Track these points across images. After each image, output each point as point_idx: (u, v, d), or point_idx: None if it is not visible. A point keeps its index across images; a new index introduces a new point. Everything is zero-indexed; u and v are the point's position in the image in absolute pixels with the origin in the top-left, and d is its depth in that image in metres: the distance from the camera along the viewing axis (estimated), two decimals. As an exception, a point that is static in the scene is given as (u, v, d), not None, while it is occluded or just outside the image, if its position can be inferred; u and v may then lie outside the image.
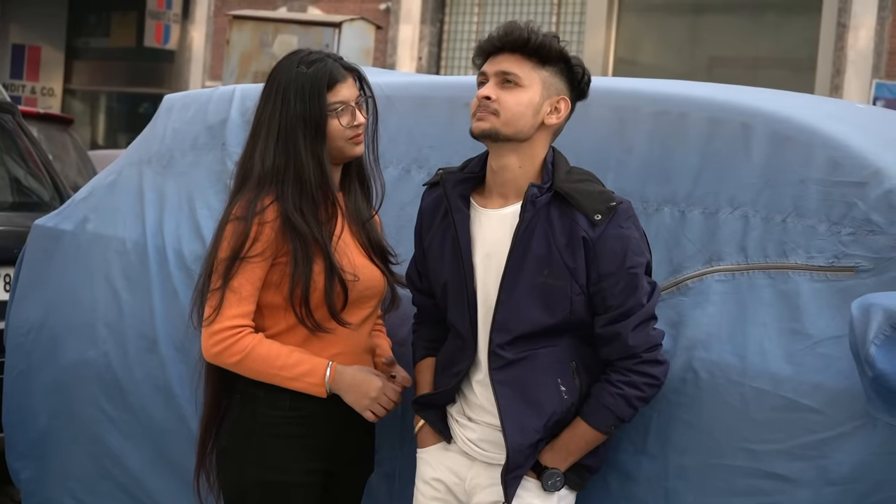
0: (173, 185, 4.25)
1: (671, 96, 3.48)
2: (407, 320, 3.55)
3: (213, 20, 20.07)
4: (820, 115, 3.34)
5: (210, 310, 3.19)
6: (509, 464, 3.04)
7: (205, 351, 3.21)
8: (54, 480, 4.38)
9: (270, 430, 3.23)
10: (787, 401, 2.96)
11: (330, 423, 3.27)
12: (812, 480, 2.89)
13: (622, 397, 3.02)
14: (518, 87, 3.05)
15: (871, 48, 14.00)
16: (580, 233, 3.01)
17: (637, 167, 3.37)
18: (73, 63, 23.30)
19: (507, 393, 3.06)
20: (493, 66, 3.09)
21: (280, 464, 3.23)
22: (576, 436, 3.07)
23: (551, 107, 3.09)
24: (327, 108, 3.23)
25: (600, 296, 3.03)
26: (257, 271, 3.19)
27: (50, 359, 4.39)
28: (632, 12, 16.20)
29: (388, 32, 17.54)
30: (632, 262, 3.02)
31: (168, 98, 4.58)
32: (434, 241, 3.23)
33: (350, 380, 3.21)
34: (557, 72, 3.09)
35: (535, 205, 3.04)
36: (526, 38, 3.05)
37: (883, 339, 2.69)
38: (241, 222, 3.18)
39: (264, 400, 3.23)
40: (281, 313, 3.24)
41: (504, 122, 3.05)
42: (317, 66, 3.26)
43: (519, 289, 3.05)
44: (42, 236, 4.58)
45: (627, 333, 3.01)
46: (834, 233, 3.06)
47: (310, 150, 3.22)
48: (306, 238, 3.18)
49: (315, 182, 3.22)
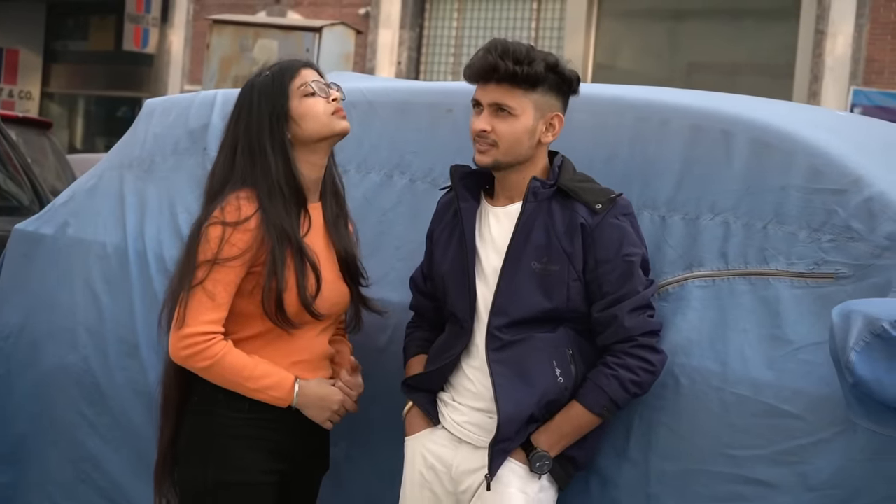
0: (154, 190, 4.25)
1: (653, 103, 3.49)
2: (388, 327, 3.56)
3: (192, 24, 20.02)
4: (800, 123, 3.35)
5: (183, 312, 3.20)
6: (498, 434, 3.07)
7: (173, 353, 3.23)
8: (33, 485, 4.37)
9: (229, 431, 3.26)
10: (767, 407, 2.97)
11: (288, 427, 3.30)
12: (792, 486, 2.91)
13: (616, 378, 3.06)
14: (512, 115, 3.13)
15: (848, 55, 14.06)
16: (578, 220, 3.11)
17: (619, 173, 3.38)
18: (52, 66, 23.21)
19: (503, 370, 3.11)
20: (486, 97, 3.17)
21: (239, 465, 3.26)
22: (569, 417, 3.10)
23: (546, 125, 3.18)
24: (292, 93, 3.28)
25: (597, 283, 3.11)
26: (234, 277, 3.20)
27: (30, 363, 4.38)
28: (611, 18, 16.22)
29: (368, 37, 17.53)
30: (628, 250, 3.10)
31: (149, 102, 4.58)
32: (443, 234, 3.32)
33: (313, 395, 3.28)
34: (548, 88, 3.16)
35: (537, 196, 3.14)
36: (512, 72, 3.10)
37: (863, 346, 2.70)
38: (223, 227, 3.18)
39: (224, 402, 3.26)
40: (250, 320, 3.27)
41: (503, 151, 3.16)
42: (276, 66, 3.35)
43: (519, 274, 3.12)
44: (22, 240, 4.56)
45: (623, 315, 3.07)
46: (814, 239, 3.08)
47: (277, 146, 3.25)
48: (282, 237, 3.19)
49: (283, 178, 3.24)
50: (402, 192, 3.77)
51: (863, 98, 13.61)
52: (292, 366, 3.29)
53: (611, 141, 3.44)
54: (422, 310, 3.44)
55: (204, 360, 3.19)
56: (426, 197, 3.69)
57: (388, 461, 3.45)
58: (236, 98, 3.38)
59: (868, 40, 14.05)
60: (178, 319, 3.21)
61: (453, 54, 17.46)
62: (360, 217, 3.69)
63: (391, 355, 3.50)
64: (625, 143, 3.42)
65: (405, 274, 3.54)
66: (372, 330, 3.58)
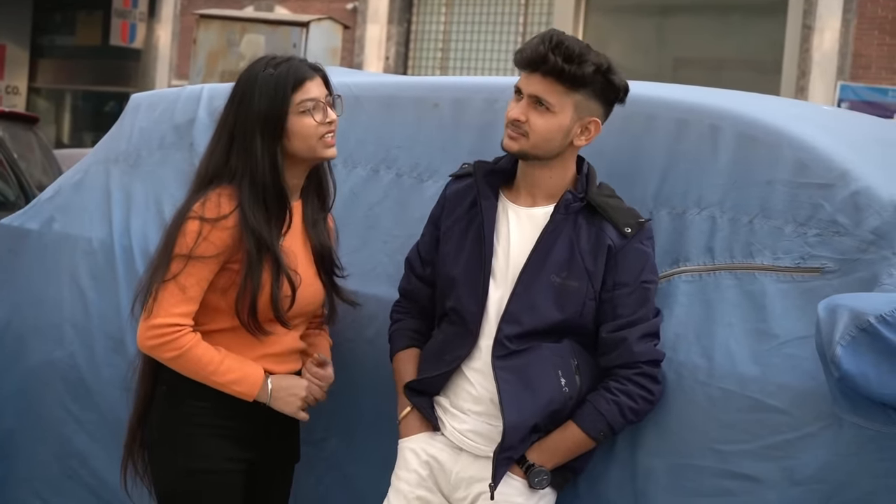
0: (140, 185, 4.24)
1: (639, 98, 3.48)
2: (374, 319, 3.55)
3: (180, 19, 20.00)
4: (787, 117, 3.35)
5: (153, 302, 3.21)
6: (504, 442, 3.05)
7: (141, 342, 3.25)
8: (20, 481, 4.36)
9: (195, 419, 3.29)
10: (753, 401, 2.97)
11: (254, 415, 3.30)
12: (778, 481, 2.91)
13: (616, 404, 3.05)
14: (549, 111, 3.09)
15: (835, 50, 14.08)
16: (606, 241, 3.09)
17: (605, 168, 3.37)
18: (39, 61, 23.17)
19: (508, 378, 3.08)
20: (528, 86, 3.11)
21: (204, 452, 3.28)
22: (565, 438, 3.09)
23: (581, 128, 3.14)
24: (292, 106, 3.24)
25: (611, 303, 3.09)
26: (207, 273, 3.21)
27: (15, 359, 4.36)
28: (598, 13, 16.23)
29: (356, 32, 17.52)
30: (647, 277, 3.10)
31: (135, 97, 4.56)
32: (456, 227, 3.26)
33: (277, 387, 3.28)
34: (592, 92, 3.11)
35: (568, 210, 3.12)
36: (560, 68, 3.04)
37: (849, 340, 2.70)
38: (202, 223, 3.19)
39: (189, 391, 3.27)
40: (221, 315, 3.27)
41: (533, 144, 3.11)
42: (283, 66, 3.28)
43: (536, 285, 3.10)
44: (7, 236, 4.55)
45: (633, 340, 3.05)
46: (800, 234, 3.08)
47: (265, 151, 3.23)
48: (260, 242, 3.19)
49: (268, 184, 3.23)
50: (389, 186, 3.77)
51: (850, 93, 13.64)
52: (260, 359, 3.30)
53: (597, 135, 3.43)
54: (415, 295, 3.38)
55: (170, 351, 3.21)
56: (413, 191, 3.69)
57: (378, 453, 3.45)
58: (238, 80, 3.34)
59: (855, 35, 14.07)
60: (147, 309, 3.23)
61: (441, 49, 17.46)
62: (346, 212, 3.68)
63: (379, 348, 3.49)
64: (612, 138, 3.41)
65: (392, 269, 3.54)
66: (360, 322, 3.58)
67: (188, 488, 3.30)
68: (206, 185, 3.27)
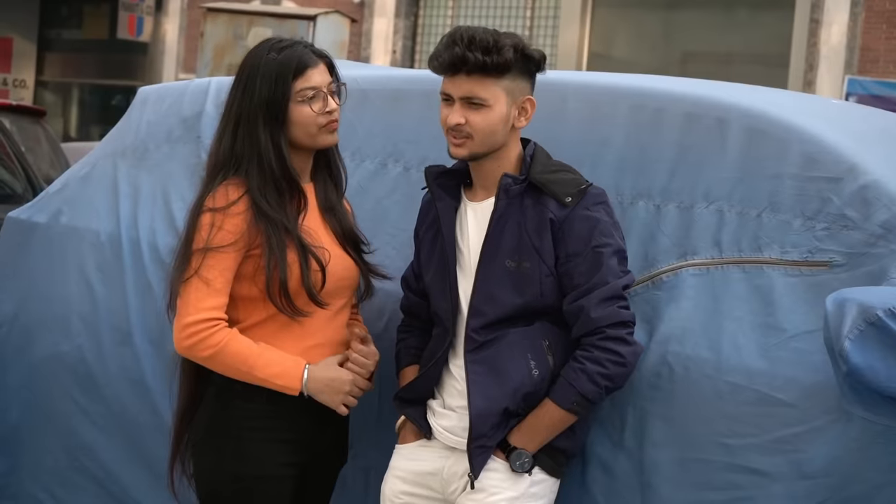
0: (148, 178, 4.24)
1: (647, 91, 3.49)
2: (384, 313, 3.56)
3: (187, 12, 20.00)
4: (795, 111, 3.35)
5: (183, 302, 3.17)
6: (472, 431, 3.06)
7: (176, 343, 3.19)
8: (27, 474, 4.36)
9: (246, 423, 3.22)
10: (761, 395, 2.97)
11: (307, 416, 3.25)
12: (786, 474, 2.91)
13: (583, 372, 3.03)
14: (485, 106, 3.08)
15: (843, 44, 14.06)
16: (548, 215, 3.08)
17: (613, 161, 3.38)
18: (46, 54, 23.18)
19: (477, 370, 3.10)
20: (456, 89, 3.10)
21: (255, 457, 3.21)
22: (542, 415, 3.09)
23: (518, 110, 3.13)
24: (293, 94, 3.22)
25: (568, 276, 3.09)
26: (230, 263, 3.17)
27: (23, 352, 4.37)
28: (606, 7, 16.21)
29: (363, 25, 17.52)
30: (598, 241, 3.07)
31: (143, 90, 4.56)
32: (426, 235, 3.30)
33: (322, 378, 3.21)
34: (517, 73, 3.10)
35: (509, 194, 3.10)
36: (482, 62, 3.03)
37: (857, 334, 2.71)
38: (214, 213, 3.17)
39: (241, 393, 3.21)
40: (256, 305, 3.23)
41: (479, 143, 3.11)
42: (286, 52, 3.25)
43: (493, 275, 3.10)
44: (15, 229, 4.55)
45: (591, 307, 3.04)
46: (808, 228, 3.08)
47: (269, 137, 3.21)
48: (276, 224, 3.17)
49: (276, 169, 3.21)
50: (397, 180, 3.77)
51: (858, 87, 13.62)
52: (306, 351, 3.24)
53: (605, 129, 3.43)
54: (415, 310, 3.39)
55: (207, 349, 3.15)
56: (420, 185, 3.68)
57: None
58: (242, 62, 3.31)
59: (863, 29, 14.05)
60: (179, 310, 3.18)
61: (448, 43, 17.42)
62: (354, 205, 3.68)
63: (388, 341, 3.49)
64: (619, 132, 3.41)
65: (400, 262, 3.54)
66: (369, 316, 3.57)
67: (236, 493, 3.23)
68: (216, 175, 3.25)
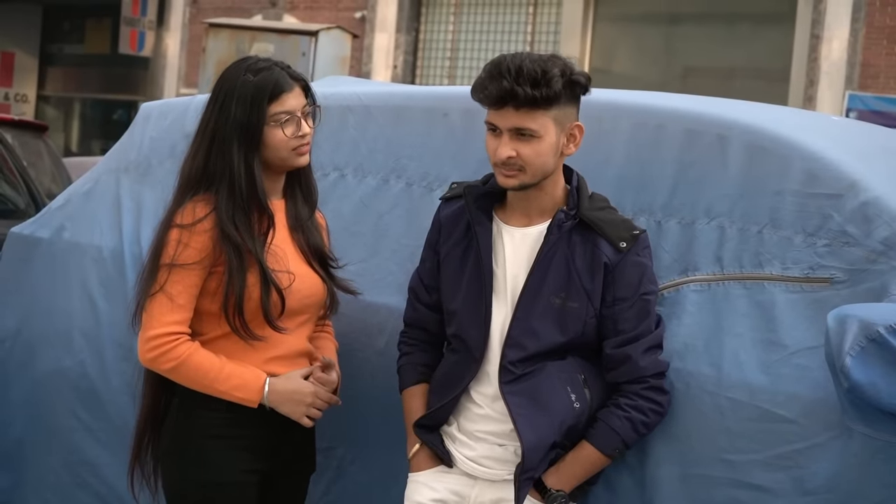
0: (151, 194, 4.25)
1: (648, 108, 3.49)
2: (385, 329, 3.56)
3: (189, 27, 20.02)
4: (796, 127, 3.35)
5: (147, 315, 3.22)
6: (524, 463, 3.03)
7: (140, 356, 3.24)
8: (30, 490, 4.37)
9: (209, 431, 3.26)
10: (762, 411, 2.97)
11: (268, 424, 3.28)
12: (788, 491, 2.91)
13: (629, 420, 3.05)
14: (535, 137, 3.02)
15: (844, 59, 14.07)
16: (602, 258, 3.06)
17: (614, 177, 3.38)
18: (48, 69, 23.22)
19: (519, 402, 3.07)
20: (504, 122, 3.02)
21: (218, 464, 3.25)
22: (581, 458, 3.09)
23: (567, 137, 3.09)
24: (267, 118, 3.23)
25: (612, 319, 3.08)
26: (194, 279, 3.21)
27: (26, 367, 4.38)
28: (607, 21, 16.23)
29: (364, 41, 17.54)
30: (646, 288, 3.09)
31: (146, 106, 4.58)
32: (454, 252, 3.23)
33: (283, 391, 3.24)
34: (565, 101, 3.03)
35: (561, 229, 3.08)
36: (531, 97, 2.95)
37: (858, 351, 2.71)
38: (182, 230, 3.19)
39: (202, 402, 3.25)
40: (217, 320, 3.26)
41: (532, 174, 3.06)
42: (262, 75, 3.25)
43: (536, 308, 3.08)
44: (18, 244, 4.56)
45: (638, 356, 3.05)
46: (809, 244, 3.08)
47: (242, 159, 3.23)
48: (240, 248, 3.19)
49: (246, 191, 3.22)
50: (399, 196, 3.78)
51: (858, 103, 13.63)
52: (266, 363, 3.28)
53: (606, 145, 3.44)
54: (422, 322, 3.35)
55: (169, 362, 3.19)
56: (422, 201, 3.70)
57: (387, 462, 3.45)
58: (218, 80, 3.32)
59: (864, 45, 14.06)
60: (140, 323, 3.24)
61: (449, 58, 17.46)
62: (356, 221, 3.70)
63: (389, 357, 3.49)
64: (620, 148, 3.42)
65: (402, 278, 3.54)
66: (370, 332, 3.58)
67: (200, 500, 3.28)
68: (187, 191, 3.27)
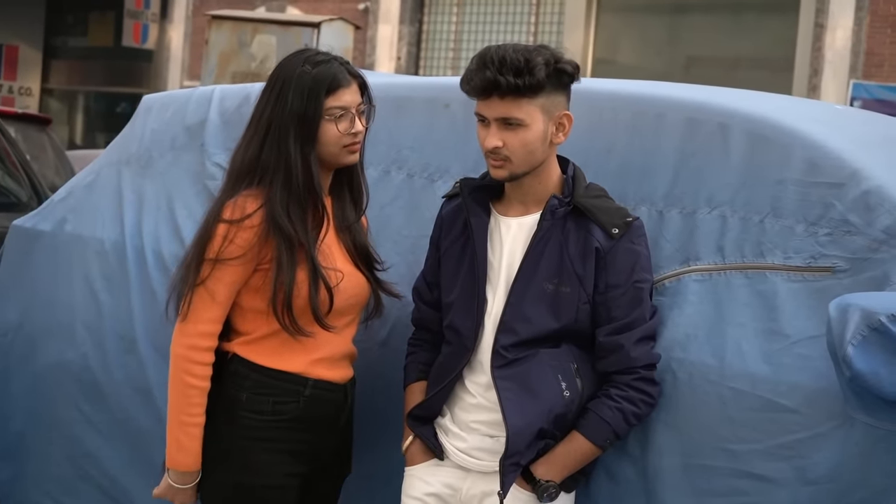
0: (152, 186, 4.24)
1: (649, 97, 3.49)
2: (388, 321, 3.55)
3: (192, 20, 20.03)
4: (798, 116, 3.35)
5: (186, 308, 3.20)
6: (508, 448, 3.03)
7: (174, 345, 3.21)
8: (32, 482, 4.37)
9: (251, 433, 3.22)
10: (764, 401, 2.97)
11: (311, 428, 3.26)
12: (790, 480, 2.90)
13: (620, 411, 3.04)
14: (521, 126, 3.03)
15: (848, 48, 14.06)
16: (594, 244, 3.06)
17: (615, 167, 3.38)
18: (51, 62, 23.22)
19: (509, 386, 3.07)
20: (490, 111, 3.04)
21: (260, 468, 3.22)
22: (572, 450, 3.08)
23: (556, 126, 3.09)
24: (324, 112, 3.20)
25: (605, 306, 3.07)
26: (236, 276, 3.18)
27: (27, 360, 4.38)
28: (610, 12, 16.22)
29: (367, 32, 17.53)
30: (639, 276, 3.08)
31: (147, 98, 4.57)
32: (453, 247, 3.24)
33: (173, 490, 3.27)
34: (552, 88, 3.04)
35: (554, 215, 3.08)
36: (514, 85, 2.97)
37: (860, 340, 2.70)
38: (229, 225, 3.16)
39: (246, 404, 3.22)
40: (262, 318, 3.23)
41: (519, 164, 3.06)
42: (321, 68, 3.22)
43: (528, 294, 3.08)
44: (20, 237, 4.56)
45: (630, 346, 3.04)
46: (811, 233, 3.07)
47: (299, 151, 3.19)
48: (291, 241, 3.16)
49: (302, 184, 3.19)
50: (400, 187, 3.77)
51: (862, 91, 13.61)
52: (312, 364, 3.25)
53: (607, 135, 3.43)
54: (427, 322, 3.36)
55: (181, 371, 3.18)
56: (424, 192, 3.70)
57: (394, 454, 3.44)
58: (276, 69, 3.29)
59: (868, 33, 14.05)
60: (182, 314, 3.21)
61: (452, 49, 17.46)
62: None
63: (392, 349, 3.51)
64: (621, 137, 3.41)
65: (403, 269, 3.54)
66: (373, 325, 3.58)
67: (239, 502, 3.25)
68: (239, 183, 3.23)
